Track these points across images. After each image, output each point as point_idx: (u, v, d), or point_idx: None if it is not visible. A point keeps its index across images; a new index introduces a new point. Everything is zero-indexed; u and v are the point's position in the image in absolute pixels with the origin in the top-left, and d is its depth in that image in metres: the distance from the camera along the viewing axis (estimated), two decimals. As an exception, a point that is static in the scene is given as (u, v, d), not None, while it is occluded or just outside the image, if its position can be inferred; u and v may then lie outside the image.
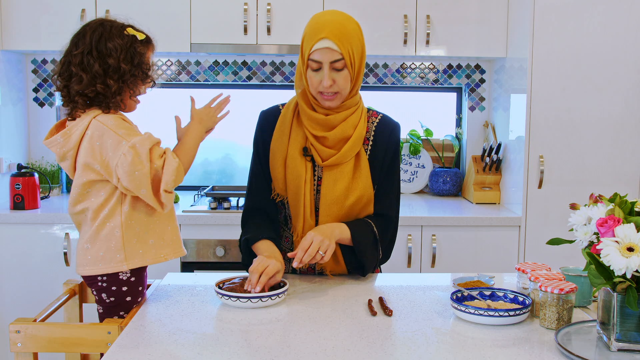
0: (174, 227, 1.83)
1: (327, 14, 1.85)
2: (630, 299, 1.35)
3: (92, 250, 1.75)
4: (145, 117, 3.76)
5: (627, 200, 1.45)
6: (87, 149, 1.71)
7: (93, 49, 1.73)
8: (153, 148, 1.68)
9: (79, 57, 1.73)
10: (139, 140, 1.67)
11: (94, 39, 1.74)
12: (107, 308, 1.79)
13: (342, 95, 1.85)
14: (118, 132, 1.69)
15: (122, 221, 1.74)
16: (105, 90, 1.72)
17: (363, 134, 1.92)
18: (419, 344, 1.49)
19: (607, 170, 3.09)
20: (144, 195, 1.68)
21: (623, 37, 3.03)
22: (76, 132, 1.73)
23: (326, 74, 1.80)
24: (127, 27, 1.79)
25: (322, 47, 1.78)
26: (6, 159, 3.30)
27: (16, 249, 3.02)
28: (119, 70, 1.74)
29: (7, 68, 3.33)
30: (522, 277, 1.81)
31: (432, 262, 3.09)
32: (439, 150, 3.74)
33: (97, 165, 1.71)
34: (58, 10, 3.20)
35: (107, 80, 1.72)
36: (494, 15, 3.31)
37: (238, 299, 1.69)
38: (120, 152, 1.65)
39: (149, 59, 1.82)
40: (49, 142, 1.79)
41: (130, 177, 1.65)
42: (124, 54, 1.74)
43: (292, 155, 1.90)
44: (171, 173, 1.69)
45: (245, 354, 1.42)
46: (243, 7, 3.22)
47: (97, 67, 1.72)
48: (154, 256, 1.78)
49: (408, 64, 3.70)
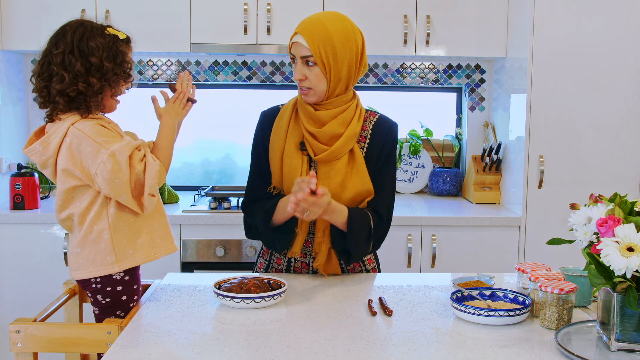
0: (163, 224, 1.84)
1: (320, 13, 1.91)
2: (630, 299, 1.35)
3: (82, 254, 1.75)
4: (146, 118, 3.77)
5: (627, 200, 1.45)
6: (67, 156, 1.72)
7: (75, 48, 1.73)
8: (133, 153, 1.69)
9: (60, 56, 1.73)
10: (118, 148, 1.67)
11: (76, 38, 1.74)
12: (104, 309, 1.79)
13: (316, 92, 1.88)
14: (97, 140, 1.69)
15: (109, 223, 1.75)
16: (87, 89, 1.72)
17: (357, 132, 1.93)
18: (419, 344, 1.49)
19: (607, 170, 3.09)
20: (125, 200, 1.71)
21: (623, 37, 3.03)
22: (54, 139, 1.73)
23: (297, 67, 1.88)
24: (106, 27, 1.80)
25: (294, 42, 1.87)
26: (6, 159, 3.30)
27: (16, 249, 3.02)
28: (102, 68, 1.74)
29: (7, 68, 3.33)
30: (522, 277, 1.81)
31: (432, 262, 3.09)
32: (439, 150, 3.74)
33: (77, 172, 1.72)
34: (58, 10, 3.20)
35: (90, 79, 1.72)
36: (494, 15, 3.31)
37: (242, 300, 1.69)
38: (100, 160, 1.66)
39: (130, 58, 1.84)
40: (28, 151, 1.78)
41: (110, 185, 1.67)
42: (106, 53, 1.75)
43: (289, 149, 1.93)
44: (153, 176, 1.71)
45: (245, 354, 1.42)
46: (243, 7, 3.22)
47: (79, 66, 1.72)
48: (145, 255, 1.79)
49: (408, 64, 3.70)
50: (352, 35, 1.87)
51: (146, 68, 3.61)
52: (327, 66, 1.84)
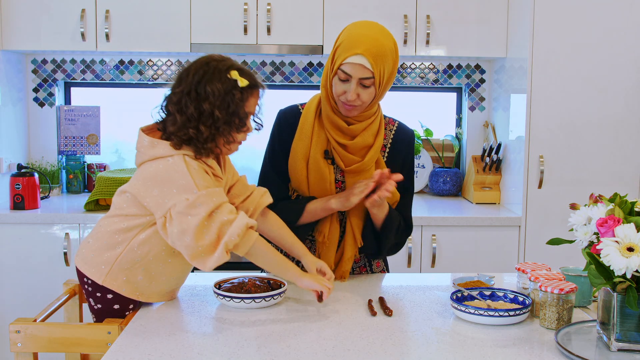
0: (168, 283, 1.74)
1: (366, 26, 1.81)
2: (630, 299, 1.35)
3: (90, 246, 1.71)
4: (146, 118, 3.78)
5: (627, 200, 1.45)
6: (148, 179, 1.61)
7: (192, 90, 1.61)
8: (223, 204, 1.60)
9: (177, 95, 1.62)
10: (211, 191, 1.59)
11: (195, 80, 1.61)
12: (98, 315, 1.75)
13: (362, 107, 1.85)
14: (195, 179, 1.59)
15: (129, 244, 1.67)
16: (197, 135, 1.60)
17: (382, 142, 1.95)
18: (419, 344, 1.49)
19: (607, 170, 3.09)
20: (187, 244, 1.56)
21: (623, 37, 3.03)
22: (157, 152, 1.63)
23: (352, 88, 1.78)
24: (232, 69, 1.63)
25: (356, 63, 1.76)
26: (6, 159, 3.30)
27: (16, 249, 3.02)
28: (213, 116, 1.60)
29: (7, 68, 3.33)
30: (522, 277, 1.81)
31: (432, 262, 3.09)
32: (439, 150, 3.74)
33: (146, 201, 1.61)
34: (58, 10, 3.20)
35: (200, 126, 1.60)
36: (494, 15, 3.31)
37: (242, 300, 1.69)
38: (184, 197, 1.57)
39: (251, 106, 1.68)
40: (140, 134, 1.67)
41: (181, 219, 1.55)
42: (220, 100, 1.60)
43: (315, 158, 1.90)
44: (238, 228, 1.57)
45: (245, 354, 1.42)
46: (243, 7, 3.22)
47: (192, 110, 1.60)
48: (131, 291, 1.69)
49: (408, 64, 3.70)
50: (396, 48, 1.84)
51: (146, 68, 3.61)
52: (381, 85, 1.81)
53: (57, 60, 3.58)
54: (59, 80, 3.61)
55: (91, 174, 3.58)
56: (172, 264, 1.71)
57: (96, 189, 3.09)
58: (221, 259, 1.57)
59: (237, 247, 1.61)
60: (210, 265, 1.57)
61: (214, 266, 1.58)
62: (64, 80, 3.62)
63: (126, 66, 3.61)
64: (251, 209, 1.80)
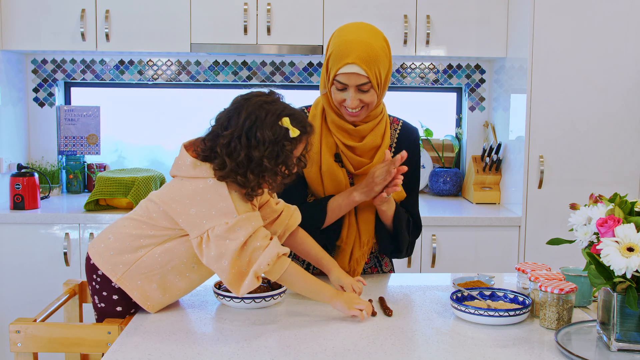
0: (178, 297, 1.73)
1: (353, 31, 1.79)
2: (630, 299, 1.35)
3: (111, 243, 1.67)
4: (145, 118, 3.78)
5: (627, 200, 1.45)
6: (186, 197, 1.59)
7: (243, 135, 1.56)
8: (259, 229, 1.59)
9: (227, 138, 1.57)
10: (250, 215, 1.58)
11: (247, 124, 1.56)
12: (100, 313, 1.74)
13: (367, 110, 1.84)
14: (236, 203, 1.58)
15: (152, 250, 1.65)
16: (244, 183, 1.58)
17: (389, 142, 1.95)
18: (419, 344, 1.49)
19: (607, 170, 3.09)
20: (224, 268, 1.55)
21: (623, 37, 3.03)
22: (196, 174, 1.61)
23: (352, 96, 1.78)
24: (284, 116, 1.59)
25: (349, 72, 1.75)
26: (6, 159, 3.30)
27: (16, 249, 3.02)
28: (261, 165, 1.57)
29: (7, 68, 3.33)
30: (522, 277, 1.81)
31: (432, 262, 3.09)
32: (439, 150, 3.74)
33: (180, 218, 1.59)
34: (58, 10, 3.20)
35: (248, 174, 1.57)
36: (494, 15, 3.31)
37: (242, 300, 1.69)
38: (223, 220, 1.55)
39: (299, 151, 1.65)
40: (182, 150, 1.66)
41: (219, 243, 1.55)
42: (269, 150, 1.56)
43: (328, 162, 1.89)
44: (268, 256, 1.56)
45: (245, 354, 1.42)
46: (243, 7, 3.22)
47: (243, 156, 1.56)
48: (142, 298, 1.67)
49: (408, 64, 3.70)
50: (387, 45, 1.83)
51: (146, 68, 3.61)
52: (379, 85, 1.80)
53: (57, 60, 3.58)
54: (59, 80, 3.61)
55: (91, 174, 3.58)
56: (189, 278, 1.70)
57: (96, 189, 3.09)
58: (252, 285, 1.58)
59: (269, 274, 1.61)
60: (243, 291, 1.58)
61: (245, 292, 1.58)
62: (64, 80, 3.62)
63: (126, 66, 3.61)
64: (279, 231, 1.78)
